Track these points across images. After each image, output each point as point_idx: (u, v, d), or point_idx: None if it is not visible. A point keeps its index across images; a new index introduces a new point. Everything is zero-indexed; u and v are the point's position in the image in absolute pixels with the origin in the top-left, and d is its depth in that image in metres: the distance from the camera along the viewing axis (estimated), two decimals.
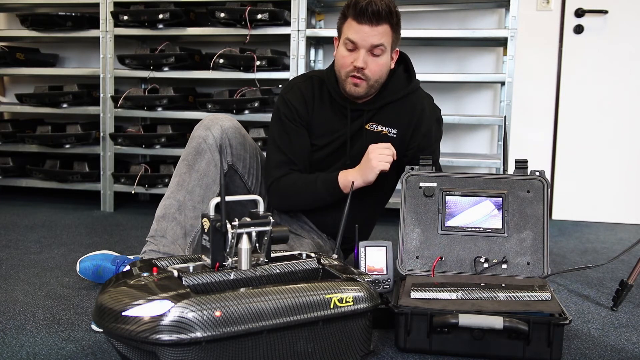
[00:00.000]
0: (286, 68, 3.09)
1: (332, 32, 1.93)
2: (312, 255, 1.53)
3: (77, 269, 1.95)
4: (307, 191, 1.89)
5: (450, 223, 1.77)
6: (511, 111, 2.98)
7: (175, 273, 1.33)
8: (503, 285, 1.59)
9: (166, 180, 3.16)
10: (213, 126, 1.86)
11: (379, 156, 1.80)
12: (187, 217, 1.81)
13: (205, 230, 1.36)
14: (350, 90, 1.85)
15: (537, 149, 3.41)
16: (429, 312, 1.45)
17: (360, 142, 1.93)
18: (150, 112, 3.24)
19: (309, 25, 3.13)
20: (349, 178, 1.81)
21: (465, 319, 1.41)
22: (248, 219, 1.39)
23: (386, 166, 1.80)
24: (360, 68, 1.80)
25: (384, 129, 1.93)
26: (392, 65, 1.91)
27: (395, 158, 1.83)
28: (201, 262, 1.41)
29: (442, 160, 2.22)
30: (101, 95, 3.28)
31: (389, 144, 1.83)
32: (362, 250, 1.87)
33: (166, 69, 3.20)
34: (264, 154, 2.03)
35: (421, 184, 1.80)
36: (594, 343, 1.60)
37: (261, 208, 1.43)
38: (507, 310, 1.45)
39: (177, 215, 1.81)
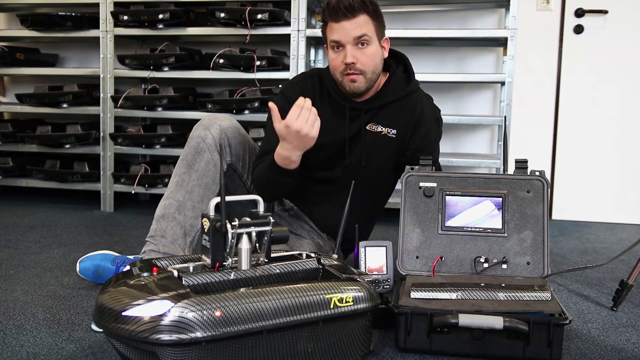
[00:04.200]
0: (286, 68, 3.09)
1: None
2: (312, 255, 1.53)
3: (77, 269, 1.95)
4: (265, 178, 1.84)
5: (450, 223, 1.77)
6: (511, 111, 2.97)
7: (175, 273, 1.33)
8: (503, 285, 1.59)
9: (166, 180, 3.16)
10: (212, 126, 1.85)
11: (309, 124, 1.67)
12: (187, 217, 1.81)
13: (205, 230, 1.36)
14: (350, 87, 1.85)
15: (537, 149, 3.41)
16: (429, 312, 1.45)
17: (360, 143, 1.93)
18: (150, 112, 3.24)
19: (309, 25, 3.13)
20: (285, 155, 1.73)
21: (465, 319, 1.41)
22: (248, 219, 1.39)
23: (318, 126, 1.70)
24: (351, 63, 1.80)
25: (383, 129, 1.93)
26: (386, 55, 1.90)
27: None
28: (201, 262, 1.41)
29: (442, 160, 2.22)
30: (101, 95, 3.28)
31: (306, 111, 1.69)
32: (362, 250, 1.86)
33: (166, 69, 3.20)
34: None
35: (421, 184, 1.80)
36: (594, 343, 1.60)
37: (261, 208, 1.43)
38: (507, 310, 1.45)
39: (177, 215, 1.81)
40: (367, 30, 1.79)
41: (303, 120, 1.67)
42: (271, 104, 1.74)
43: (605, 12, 3.27)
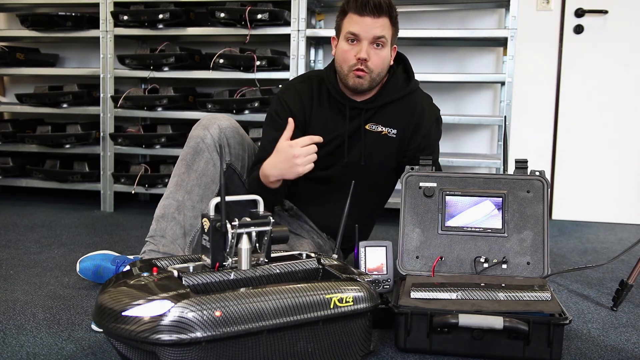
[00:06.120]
0: (286, 68, 3.09)
1: (332, 32, 1.93)
2: (312, 255, 1.53)
3: (77, 269, 1.95)
4: (252, 189, 1.86)
5: (450, 223, 1.77)
6: (511, 111, 2.97)
7: (175, 273, 1.33)
8: (503, 285, 1.59)
9: (166, 180, 3.15)
10: (211, 126, 1.85)
11: (306, 159, 1.74)
12: (187, 217, 1.81)
13: (205, 230, 1.36)
14: (355, 83, 1.85)
15: (537, 149, 3.41)
16: (429, 312, 1.45)
17: (359, 142, 1.93)
18: (150, 112, 3.24)
19: (309, 25, 3.13)
20: (266, 173, 1.78)
21: (465, 319, 1.41)
22: (248, 219, 1.39)
23: (310, 168, 1.76)
24: (364, 60, 1.80)
25: (384, 129, 1.93)
26: (392, 62, 1.92)
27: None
28: (201, 262, 1.41)
29: (442, 160, 2.22)
30: (101, 95, 3.28)
31: (313, 147, 1.76)
32: (362, 250, 1.86)
33: (166, 69, 3.20)
34: None
35: (421, 184, 1.80)
36: (594, 343, 1.60)
37: (261, 208, 1.43)
38: (507, 310, 1.45)
39: (177, 215, 1.81)
40: (386, 33, 1.82)
41: (306, 151, 1.73)
42: (290, 120, 1.80)
43: (605, 12, 3.27)
